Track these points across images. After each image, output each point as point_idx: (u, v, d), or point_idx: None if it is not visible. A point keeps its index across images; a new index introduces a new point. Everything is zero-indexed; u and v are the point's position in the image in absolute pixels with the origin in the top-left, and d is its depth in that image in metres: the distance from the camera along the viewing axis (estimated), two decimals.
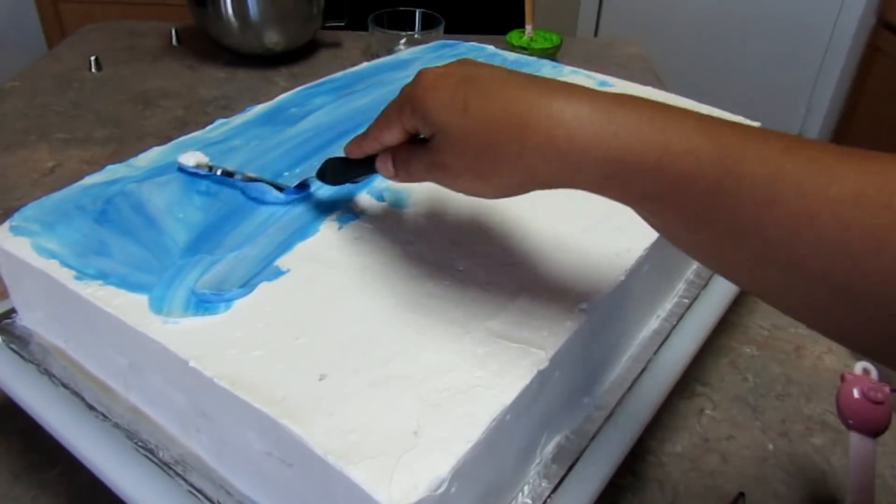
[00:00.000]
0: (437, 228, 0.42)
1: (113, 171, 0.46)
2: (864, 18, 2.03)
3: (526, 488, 0.35)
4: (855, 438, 0.42)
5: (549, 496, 0.35)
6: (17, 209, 0.42)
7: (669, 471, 0.48)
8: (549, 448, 0.37)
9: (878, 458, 0.49)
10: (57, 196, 0.44)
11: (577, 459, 0.37)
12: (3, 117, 0.90)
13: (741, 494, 0.45)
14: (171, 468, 0.36)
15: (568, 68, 0.65)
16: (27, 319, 0.44)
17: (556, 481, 0.35)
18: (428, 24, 1.05)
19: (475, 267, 0.39)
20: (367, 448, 0.29)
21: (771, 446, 0.50)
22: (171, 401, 0.36)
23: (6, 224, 0.42)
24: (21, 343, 0.43)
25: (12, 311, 0.45)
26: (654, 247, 0.42)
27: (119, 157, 0.81)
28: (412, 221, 0.42)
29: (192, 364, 0.33)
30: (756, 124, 0.55)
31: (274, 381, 0.32)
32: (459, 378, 0.32)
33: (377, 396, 0.31)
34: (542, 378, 0.33)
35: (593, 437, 0.38)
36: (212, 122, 0.52)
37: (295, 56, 1.09)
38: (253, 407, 0.31)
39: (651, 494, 0.46)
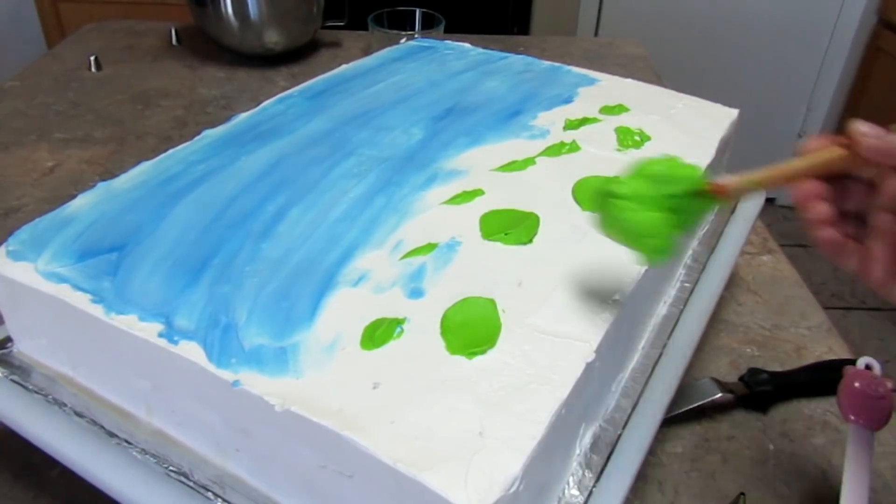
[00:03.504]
0: (466, 229, 0.42)
1: (105, 188, 0.45)
2: (865, 18, 2.03)
3: (571, 480, 0.35)
4: (854, 432, 0.42)
5: (594, 486, 0.35)
6: (16, 209, 0.42)
7: (669, 471, 0.48)
8: (587, 439, 0.37)
9: (878, 458, 0.49)
10: (49, 218, 0.42)
11: (613, 448, 0.37)
12: (2, 117, 0.90)
13: (741, 495, 0.45)
14: (208, 490, 0.35)
15: (568, 68, 0.65)
16: (27, 347, 0.42)
17: (598, 471, 0.36)
18: (428, 24, 1.05)
19: (505, 265, 0.39)
20: (435, 453, 0.29)
21: (771, 446, 0.50)
22: (203, 422, 0.35)
23: (1, 249, 0.40)
24: (23, 374, 0.41)
25: (7, 340, 0.43)
26: None
27: (119, 156, 0.82)
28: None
29: (240, 384, 0.32)
30: (734, 112, 0.55)
31: (326, 393, 0.31)
32: (513, 376, 0.32)
33: (435, 401, 0.31)
34: (588, 370, 0.34)
35: (625, 425, 0.38)
36: (199, 133, 0.51)
37: (295, 56, 1.09)
38: (311, 421, 0.30)
39: (651, 494, 0.46)
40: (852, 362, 0.46)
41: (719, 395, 0.51)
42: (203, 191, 0.45)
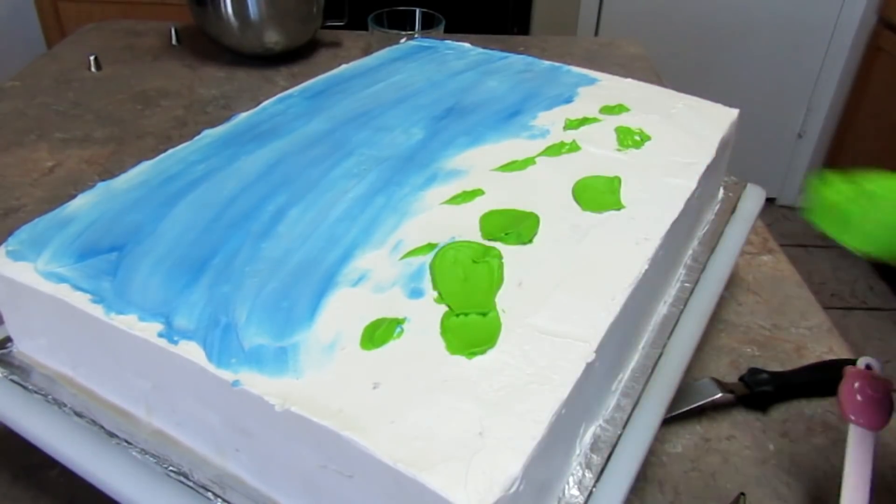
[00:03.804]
0: (465, 229, 0.42)
1: (105, 188, 0.45)
2: (865, 18, 2.03)
3: (571, 480, 0.35)
4: (855, 432, 0.42)
5: (594, 486, 0.35)
6: (16, 209, 0.42)
7: (669, 471, 0.48)
8: (587, 439, 0.37)
9: (878, 458, 0.49)
10: (49, 218, 0.42)
11: (613, 448, 0.37)
12: (2, 117, 0.90)
13: (741, 495, 0.45)
14: (208, 490, 0.35)
15: (568, 68, 0.65)
16: (27, 347, 0.42)
17: (599, 471, 0.36)
18: (428, 24, 1.05)
19: (505, 265, 0.39)
20: (435, 453, 0.29)
21: (772, 446, 0.50)
22: (203, 422, 0.35)
23: (1, 249, 0.40)
24: (23, 374, 0.41)
25: (7, 340, 0.43)
26: (667, 234, 0.43)
27: (118, 156, 0.82)
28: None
29: (240, 384, 0.32)
30: (734, 112, 0.55)
31: (326, 393, 0.31)
32: (513, 376, 0.32)
33: (435, 401, 0.31)
34: (588, 370, 0.34)
35: (625, 425, 0.38)
36: (199, 133, 0.51)
37: (295, 56, 1.09)
38: (311, 421, 0.30)
39: (651, 494, 0.46)
40: (852, 362, 0.46)
41: (719, 395, 0.51)
42: (203, 191, 0.45)
